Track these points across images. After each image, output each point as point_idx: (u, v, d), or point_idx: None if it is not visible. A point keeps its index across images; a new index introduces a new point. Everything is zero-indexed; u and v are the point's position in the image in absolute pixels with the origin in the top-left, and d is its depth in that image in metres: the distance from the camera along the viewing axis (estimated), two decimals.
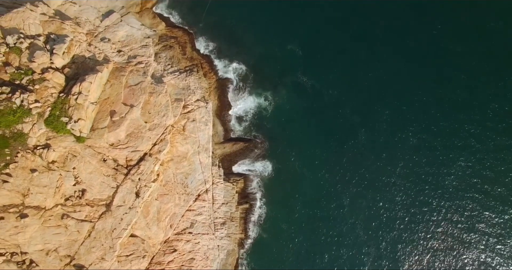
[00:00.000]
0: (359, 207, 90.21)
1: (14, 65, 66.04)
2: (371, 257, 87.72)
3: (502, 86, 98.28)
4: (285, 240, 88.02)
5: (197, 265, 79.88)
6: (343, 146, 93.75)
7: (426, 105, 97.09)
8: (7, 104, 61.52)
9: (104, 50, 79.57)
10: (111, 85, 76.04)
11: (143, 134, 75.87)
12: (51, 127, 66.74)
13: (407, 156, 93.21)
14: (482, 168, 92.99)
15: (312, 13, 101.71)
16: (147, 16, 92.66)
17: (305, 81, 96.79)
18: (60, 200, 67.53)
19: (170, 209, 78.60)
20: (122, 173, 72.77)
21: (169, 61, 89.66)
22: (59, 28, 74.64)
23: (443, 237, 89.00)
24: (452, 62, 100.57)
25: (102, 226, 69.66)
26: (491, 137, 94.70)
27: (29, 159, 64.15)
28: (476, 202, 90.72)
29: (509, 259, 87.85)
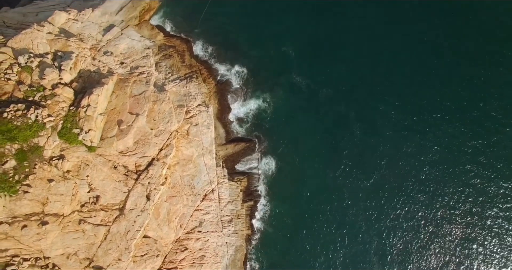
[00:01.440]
0: (359, 198, 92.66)
1: (26, 83, 68.24)
2: (373, 245, 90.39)
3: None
4: (290, 233, 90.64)
5: (207, 261, 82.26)
6: (340, 141, 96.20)
7: (418, 97, 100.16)
8: (23, 120, 63.83)
9: (108, 63, 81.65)
10: (117, 95, 78.27)
11: (150, 141, 78.17)
12: (64, 139, 68.99)
13: (402, 148, 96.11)
14: (485, 157, 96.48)
15: (303, 16, 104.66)
16: (145, 28, 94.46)
17: (299, 81, 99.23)
18: (77, 206, 69.80)
19: (179, 210, 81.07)
20: (132, 178, 75.21)
21: (170, 70, 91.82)
22: (64, 45, 76.86)
23: (443, 224, 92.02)
24: (441, 56, 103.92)
25: (117, 229, 72.06)
26: (497, 130, 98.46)
27: (46, 170, 66.33)
28: (480, 191, 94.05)
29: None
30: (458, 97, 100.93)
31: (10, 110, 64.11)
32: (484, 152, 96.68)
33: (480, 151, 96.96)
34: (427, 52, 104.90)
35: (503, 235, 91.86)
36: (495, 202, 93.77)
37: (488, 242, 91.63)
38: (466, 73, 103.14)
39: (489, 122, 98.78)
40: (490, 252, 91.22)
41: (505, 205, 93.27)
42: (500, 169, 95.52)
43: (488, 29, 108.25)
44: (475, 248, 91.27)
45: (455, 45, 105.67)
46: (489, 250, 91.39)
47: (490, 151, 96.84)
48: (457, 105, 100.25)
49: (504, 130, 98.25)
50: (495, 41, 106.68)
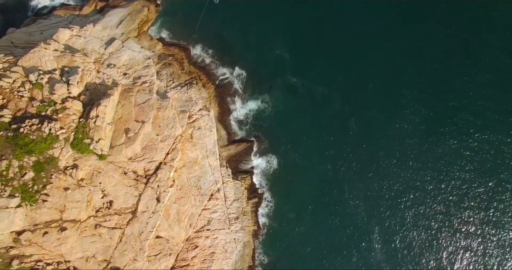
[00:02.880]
0: (359, 190, 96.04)
1: (38, 99, 71.12)
2: (375, 233, 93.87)
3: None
4: (295, 227, 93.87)
5: (218, 258, 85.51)
6: (337, 136, 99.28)
7: (411, 90, 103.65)
8: (38, 134, 66.67)
9: (112, 75, 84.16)
10: (122, 105, 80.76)
11: (157, 146, 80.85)
12: (76, 149, 71.81)
13: (398, 141, 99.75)
14: (484, 148, 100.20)
15: (295, 18, 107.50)
16: (144, 39, 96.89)
17: (295, 81, 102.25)
18: (92, 212, 72.64)
19: (188, 210, 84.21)
20: (142, 183, 78.04)
21: (170, 77, 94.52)
22: (70, 61, 79.45)
23: (441, 211, 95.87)
24: (430, 50, 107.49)
25: (131, 231, 75.02)
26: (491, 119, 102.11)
27: (61, 179, 69.21)
28: (480, 185, 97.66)
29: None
30: (452, 89, 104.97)
31: (25, 125, 67.06)
32: (482, 146, 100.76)
33: (478, 142, 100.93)
34: (420, 49, 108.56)
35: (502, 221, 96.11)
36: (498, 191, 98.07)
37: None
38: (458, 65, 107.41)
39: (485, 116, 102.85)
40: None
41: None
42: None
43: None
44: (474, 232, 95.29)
45: (448, 43, 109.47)
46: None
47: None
48: (450, 97, 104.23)
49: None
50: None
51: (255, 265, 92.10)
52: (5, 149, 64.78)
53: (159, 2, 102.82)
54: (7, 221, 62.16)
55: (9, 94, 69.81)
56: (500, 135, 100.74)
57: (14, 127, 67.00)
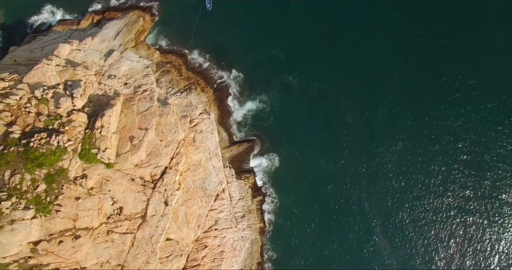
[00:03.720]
0: (359, 182, 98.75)
1: (45, 114, 73.08)
2: (378, 223, 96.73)
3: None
4: (299, 222, 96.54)
5: (227, 256, 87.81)
6: (335, 131, 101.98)
7: (403, 83, 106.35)
8: (47, 147, 68.71)
9: (113, 86, 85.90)
10: (125, 114, 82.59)
11: (161, 151, 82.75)
12: (84, 160, 73.76)
13: (395, 133, 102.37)
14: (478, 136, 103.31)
15: (287, 19, 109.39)
16: (142, 48, 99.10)
17: (291, 80, 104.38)
18: (103, 219, 74.72)
19: (195, 211, 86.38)
20: (149, 188, 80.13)
21: (170, 84, 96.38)
22: (72, 74, 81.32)
23: (441, 198, 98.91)
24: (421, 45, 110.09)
25: (142, 235, 77.15)
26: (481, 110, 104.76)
27: (72, 189, 71.21)
28: (473, 175, 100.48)
29: None
30: (444, 81, 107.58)
31: (35, 140, 69.16)
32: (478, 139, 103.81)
33: (474, 133, 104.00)
34: (415, 43, 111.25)
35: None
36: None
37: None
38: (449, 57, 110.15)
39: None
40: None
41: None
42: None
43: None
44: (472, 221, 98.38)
45: (437, 38, 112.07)
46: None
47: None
48: (442, 88, 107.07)
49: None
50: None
51: (264, 261, 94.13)
52: (17, 163, 66.88)
53: (155, 11, 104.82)
54: (24, 232, 64.30)
55: (17, 111, 71.80)
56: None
57: (24, 142, 69.01)
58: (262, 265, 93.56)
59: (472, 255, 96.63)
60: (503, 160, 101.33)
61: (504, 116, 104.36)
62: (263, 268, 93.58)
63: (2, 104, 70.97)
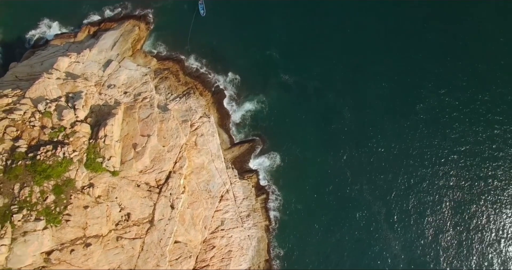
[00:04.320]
0: (360, 175, 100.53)
1: (49, 126, 74.76)
2: (381, 213, 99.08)
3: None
4: (304, 218, 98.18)
5: (235, 255, 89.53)
6: (334, 126, 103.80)
7: (399, 74, 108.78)
8: (54, 159, 70.40)
9: (113, 95, 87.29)
10: (127, 122, 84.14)
11: (164, 156, 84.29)
12: (90, 169, 75.34)
13: (389, 125, 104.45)
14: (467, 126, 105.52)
15: (279, 20, 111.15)
16: (139, 56, 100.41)
17: (287, 78, 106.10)
18: (112, 226, 76.18)
19: (201, 213, 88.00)
20: (155, 193, 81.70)
21: (168, 90, 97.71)
22: (73, 86, 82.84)
23: (441, 188, 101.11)
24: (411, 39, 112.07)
25: (151, 239, 78.61)
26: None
27: (80, 198, 72.79)
28: (469, 164, 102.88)
29: None
30: (438, 73, 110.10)
31: (41, 153, 70.84)
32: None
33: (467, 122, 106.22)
34: (407, 36, 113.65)
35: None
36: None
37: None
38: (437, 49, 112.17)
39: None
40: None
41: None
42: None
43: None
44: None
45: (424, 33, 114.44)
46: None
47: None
48: (437, 80, 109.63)
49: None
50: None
51: (272, 258, 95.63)
52: (25, 176, 68.64)
53: (150, 19, 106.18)
54: (37, 243, 66.07)
55: (22, 125, 73.44)
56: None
57: (31, 156, 70.69)
58: (269, 262, 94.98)
59: (477, 242, 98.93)
60: (500, 149, 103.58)
61: (497, 105, 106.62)
62: (271, 265, 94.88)
63: (7, 119, 72.56)
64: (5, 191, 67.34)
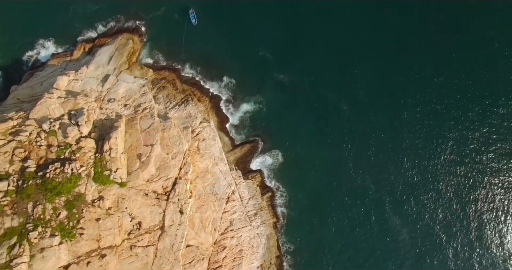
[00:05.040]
0: (363, 165, 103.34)
1: (55, 145, 76.65)
2: (385, 202, 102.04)
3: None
4: (310, 211, 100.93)
5: (246, 254, 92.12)
6: (331, 119, 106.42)
7: (388, 64, 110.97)
8: (63, 176, 72.46)
9: (114, 109, 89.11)
10: (130, 134, 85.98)
11: (169, 164, 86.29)
12: (99, 182, 77.32)
13: (388, 112, 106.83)
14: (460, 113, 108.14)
15: (269, 21, 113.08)
16: (135, 69, 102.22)
17: (282, 77, 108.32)
18: (125, 235, 78.31)
19: (209, 216, 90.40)
20: (163, 200, 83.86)
21: (167, 99, 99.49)
22: (74, 104, 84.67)
23: (441, 173, 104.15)
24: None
25: (163, 245, 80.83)
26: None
27: (92, 212, 74.90)
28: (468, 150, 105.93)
29: None
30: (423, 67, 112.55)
31: (50, 171, 72.89)
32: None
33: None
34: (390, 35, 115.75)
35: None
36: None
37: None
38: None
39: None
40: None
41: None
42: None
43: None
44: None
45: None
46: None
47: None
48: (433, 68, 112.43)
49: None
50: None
51: (282, 254, 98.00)
52: (37, 195, 70.87)
53: (143, 31, 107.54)
54: (54, 258, 68.34)
55: (29, 146, 75.50)
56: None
57: (41, 174, 72.73)
58: (280, 258, 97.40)
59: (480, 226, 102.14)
60: (498, 132, 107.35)
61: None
62: (282, 260, 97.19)
63: (14, 141, 74.56)
64: (20, 211, 69.39)
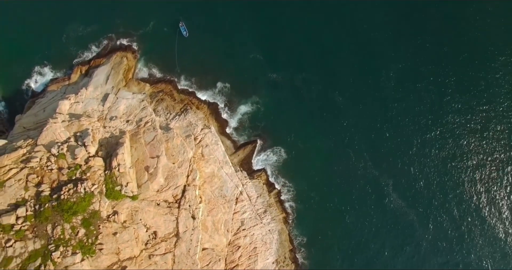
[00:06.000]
0: (363, 152, 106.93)
1: (65, 167, 79.42)
2: (389, 185, 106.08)
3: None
4: (318, 203, 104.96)
5: (260, 251, 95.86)
6: (328, 112, 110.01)
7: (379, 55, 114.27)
8: (77, 196, 75.45)
9: (117, 126, 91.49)
10: (135, 148, 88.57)
11: (176, 172, 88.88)
12: (111, 198, 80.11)
13: (380, 99, 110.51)
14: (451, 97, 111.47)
15: (257, 23, 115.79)
16: (133, 85, 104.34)
17: (275, 76, 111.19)
18: (142, 246, 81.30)
19: (221, 218, 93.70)
20: (175, 207, 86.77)
21: (167, 110, 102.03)
22: (79, 126, 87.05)
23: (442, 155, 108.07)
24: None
25: (180, 251, 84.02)
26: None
27: (108, 227, 77.73)
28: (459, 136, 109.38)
29: None
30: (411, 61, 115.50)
31: (64, 192, 75.91)
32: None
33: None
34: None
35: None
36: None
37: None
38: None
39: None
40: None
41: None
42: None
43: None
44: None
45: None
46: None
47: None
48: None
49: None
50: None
51: (295, 247, 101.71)
52: (55, 217, 73.95)
53: (135, 48, 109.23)
54: None
55: (41, 171, 78.43)
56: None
57: (55, 197, 75.76)
58: (294, 251, 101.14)
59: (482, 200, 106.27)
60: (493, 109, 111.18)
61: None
62: (296, 254, 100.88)
63: (26, 168, 77.35)
64: (40, 234, 72.62)
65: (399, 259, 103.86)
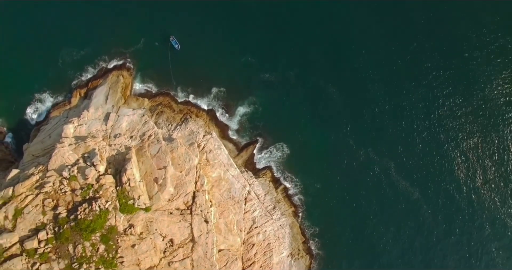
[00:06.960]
0: (363, 140, 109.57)
1: (78, 188, 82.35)
2: (391, 169, 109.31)
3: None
4: (325, 193, 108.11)
5: (274, 246, 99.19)
6: (324, 105, 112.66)
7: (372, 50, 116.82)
8: (92, 214, 78.62)
9: (122, 143, 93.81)
10: (142, 162, 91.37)
11: (184, 180, 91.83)
12: (126, 212, 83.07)
13: (374, 89, 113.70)
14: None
15: (244, 27, 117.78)
16: (131, 101, 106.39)
17: (268, 76, 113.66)
18: (161, 254, 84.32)
19: (232, 219, 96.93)
20: (188, 214, 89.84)
21: (168, 122, 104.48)
22: (85, 147, 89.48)
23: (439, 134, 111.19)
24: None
25: (197, 255, 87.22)
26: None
27: (126, 240, 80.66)
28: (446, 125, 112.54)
29: None
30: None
31: (80, 212, 79.17)
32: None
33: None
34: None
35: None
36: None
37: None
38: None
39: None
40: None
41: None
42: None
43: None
44: None
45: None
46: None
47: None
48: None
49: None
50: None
51: (308, 238, 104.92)
52: (74, 236, 77.24)
53: (130, 65, 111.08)
54: None
55: (55, 195, 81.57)
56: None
57: (73, 217, 78.88)
58: (307, 242, 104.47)
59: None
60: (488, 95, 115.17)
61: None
62: (309, 245, 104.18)
63: (41, 194, 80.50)
64: (63, 254, 76.05)
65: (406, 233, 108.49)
